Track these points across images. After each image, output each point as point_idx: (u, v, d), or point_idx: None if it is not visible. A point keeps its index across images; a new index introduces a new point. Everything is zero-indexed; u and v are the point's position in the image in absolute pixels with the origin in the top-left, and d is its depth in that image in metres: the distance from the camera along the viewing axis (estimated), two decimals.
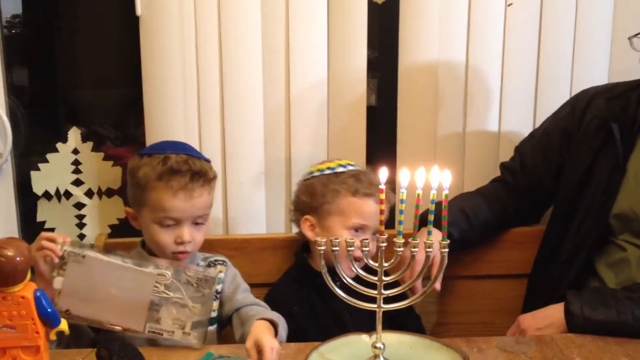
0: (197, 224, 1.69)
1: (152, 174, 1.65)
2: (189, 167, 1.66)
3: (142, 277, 1.46)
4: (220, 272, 1.74)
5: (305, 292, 1.79)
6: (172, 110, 2.07)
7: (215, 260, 1.79)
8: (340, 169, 1.85)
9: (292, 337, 1.68)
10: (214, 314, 1.68)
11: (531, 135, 2.04)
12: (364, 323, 1.46)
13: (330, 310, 1.76)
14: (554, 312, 1.67)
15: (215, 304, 1.70)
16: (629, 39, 1.75)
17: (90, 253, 1.48)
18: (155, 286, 1.45)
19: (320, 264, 1.37)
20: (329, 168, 1.86)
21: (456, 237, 1.86)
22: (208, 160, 1.77)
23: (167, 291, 1.44)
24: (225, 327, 1.75)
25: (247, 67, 2.07)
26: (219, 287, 1.72)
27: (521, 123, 2.17)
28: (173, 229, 1.66)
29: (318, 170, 1.87)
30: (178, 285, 1.48)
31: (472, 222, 1.92)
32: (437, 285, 1.65)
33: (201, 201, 1.67)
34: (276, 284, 1.88)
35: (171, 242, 1.66)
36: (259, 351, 1.41)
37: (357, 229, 1.78)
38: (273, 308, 1.69)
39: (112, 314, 1.49)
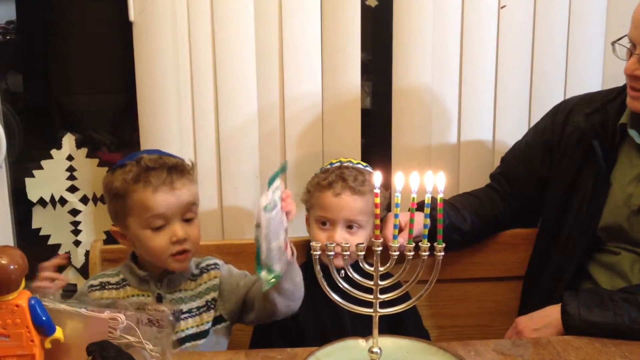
0: (187, 220, 1.63)
1: (128, 179, 1.60)
2: (163, 162, 1.62)
3: (95, 322, 1.41)
4: (216, 277, 1.72)
5: (308, 287, 1.77)
6: (167, 114, 2.06)
7: (207, 266, 1.74)
8: (328, 166, 1.86)
9: (290, 330, 1.72)
10: (208, 323, 1.68)
11: (514, 147, 2.04)
12: (365, 319, 1.44)
13: (332, 306, 1.74)
14: (551, 313, 1.67)
15: (210, 314, 1.69)
16: (612, 44, 1.73)
17: (48, 302, 1.43)
18: (110, 331, 1.40)
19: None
20: (330, 164, 1.89)
21: (446, 224, 1.85)
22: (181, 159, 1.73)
23: (125, 335, 1.39)
24: (236, 322, 1.74)
25: (241, 72, 2.07)
26: (215, 294, 1.70)
27: (516, 126, 2.17)
28: (164, 229, 1.60)
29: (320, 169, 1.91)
30: (135, 328, 1.41)
31: (461, 212, 1.93)
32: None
33: (185, 192, 1.62)
34: None
35: (167, 244, 1.60)
36: None
37: (323, 222, 1.80)
38: None
39: None
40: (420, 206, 1.35)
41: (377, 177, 1.30)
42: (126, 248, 1.80)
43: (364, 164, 1.90)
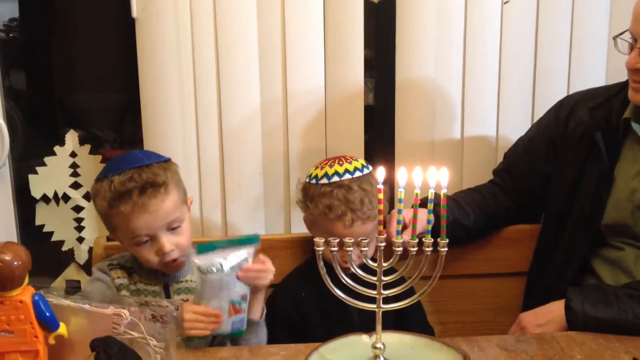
0: (173, 228, 1.62)
1: (104, 204, 1.60)
2: (134, 183, 1.58)
3: (99, 318, 1.41)
4: None
5: (315, 283, 1.76)
6: (169, 111, 2.06)
7: None
8: (324, 181, 1.76)
9: (297, 324, 1.72)
10: None
11: (517, 142, 2.04)
12: (372, 313, 1.44)
13: (338, 302, 1.74)
14: (555, 309, 1.67)
15: None
16: (613, 38, 1.73)
17: (52, 299, 1.43)
18: (114, 327, 1.40)
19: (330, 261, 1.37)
20: (325, 176, 1.77)
21: (450, 220, 1.85)
22: (164, 160, 1.68)
23: (129, 331, 1.40)
24: None
25: (244, 68, 2.06)
26: None
27: (519, 121, 2.16)
28: (151, 243, 1.61)
29: (315, 177, 1.80)
30: (139, 324, 1.42)
31: (464, 208, 1.93)
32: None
33: (161, 212, 1.59)
34: (290, 274, 1.89)
35: (154, 257, 1.62)
36: None
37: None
38: (282, 293, 1.78)
39: (76, 358, 1.43)
40: (423, 202, 1.35)
41: (380, 173, 1.30)
42: None
43: (359, 165, 1.79)
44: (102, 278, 1.68)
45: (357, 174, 1.76)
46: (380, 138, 2.30)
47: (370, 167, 1.82)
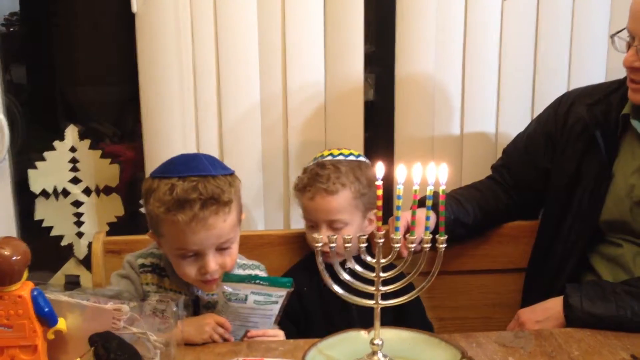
0: (223, 249, 1.54)
1: (160, 206, 1.50)
2: (198, 193, 1.49)
3: (98, 313, 1.41)
4: None
5: (316, 278, 1.77)
6: (169, 106, 2.06)
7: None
8: (311, 163, 1.84)
9: (298, 317, 1.72)
10: None
11: (516, 138, 2.03)
12: (370, 310, 1.44)
13: (338, 297, 1.75)
14: (553, 305, 1.68)
15: None
16: (611, 37, 1.73)
17: (51, 295, 1.42)
18: (114, 322, 1.39)
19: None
20: (314, 158, 1.87)
21: (450, 218, 1.86)
22: (229, 173, 1.59)
23: (128, 326, 1.39)
24: None
25: (244, 63, 2.06)
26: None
27: (519, 117, 2.16)
28: (196, 259, 1.53)
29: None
30: (138, 319, 1.37)
31: (464, 206, 1.92)
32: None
33: (217, 231, 1.51)
34: (292, 267, 1.90)
35: (196, 273, 1.54)
36: None
37: (309, 225, 1.80)
38: None
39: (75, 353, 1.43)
40: (422, 201, 1.35)
41: (379, 168, 1.30)
42: (129, 240, 1.81)
43: (347, 152, 1.85)
44: (132, 276, 1.61)
45: (341, 157, 1.83)
46: (379, 133, 2.30)
47: (363, 159, 1.86)
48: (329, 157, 1.83)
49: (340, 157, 1.83)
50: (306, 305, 1.78)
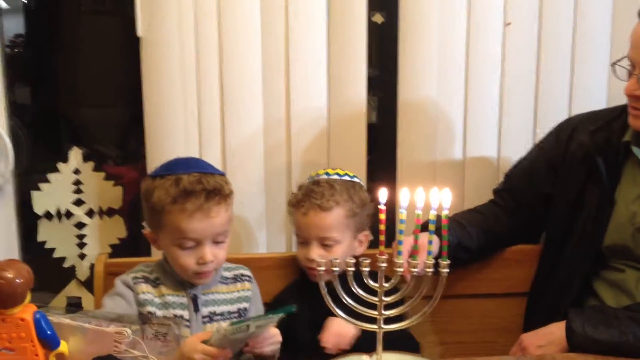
0: (217, 242, 1.66)
1: (166, 198, 1.62)
2: (202, 186, 1.63)
3: (100, 337, 1.40)
4: (249, 289, 1.77)
5: (306, 299, 1.77)
6: (173, 129, 2.07)
7: (242, 275, 1.79)
8: (305, 182, 1.88)
9: (289, 337, 1.67)
10: None
11: (518, 163, 2.04)
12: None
13: (324, 316, 1.74)
14: (555, 330, 1.67)
15: None
16: (612, 65, 1.74)
17: (53, 318, 1.42)
18: (115, 346, 1.40)
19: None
20: (309, 177, 1.90)
21: (454, 243, 1.86)
22: (222, 174, 1.75)
23: (130, 349, 1.39)
24: None
25: (248, 86, 2.07)
26: (246, 305, 1.75)
27: (521, 142, 2.16)
28: (194, 250, 1.63)
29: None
30: (140, 342, 1.39)
31: (467, 230, 1.92)
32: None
33: (219, 220, 1.64)
34: (282, 290, 1.91)
35: (193, 264, 1.63)
36: None
37: (301, 242, 1.82)
38: (275, 304, 1.82)
39: None
40: (424, 225, 1.35)
41: (382, 193, 1.31)
42: (132, 262, 1.81)
43: (342, 172, 1.89)
44: (124, 293, 1.67)
45: (335, 177, 1.86)
46: (382, 157, 2.30)
47: (357, 180, 1.89)
48: (324, 176, 1.86)
49: (336, 177, 1.86)
50: (295, 325, 1.75)
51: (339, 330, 1.64)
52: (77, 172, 2.19)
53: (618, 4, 2.15)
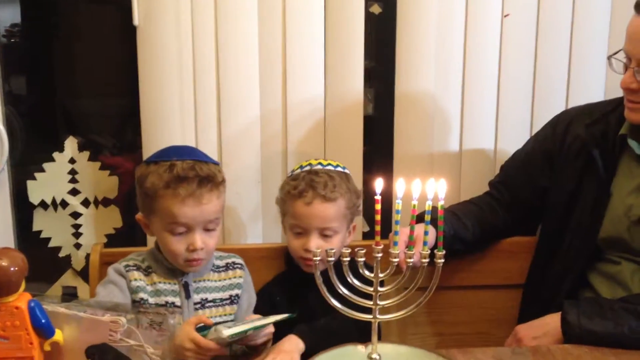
0: (208, 230, 1.67)
1: (159, 183, 1.64)
2: (195, 172, 1.65)
3: (95, 325, 1.40)
4: (241, 276, 1.79)
5: (290, 289, 1.83)
6: (169, 119, 2.07)
7: (234, 263, 1.80)
8: (298, 171, 1.86)
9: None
10: (231, 316, 1.73)
11: (514, 155, 2.04)
12: None
13: (307, 307, 1.74)
14: (551, 322, 1.68)
15: (233, 308, 1.75)
16: (608, 58, 1.74)
17: (48, 306, 1.41)
18: (111, 335, 1.40)
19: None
20: (300, 167, 1.89)
21: (450, 234, 1.86)
22: (216, 163, 1.77)
23: (125, 338, 1.39)
24: None
25: (244, 77, 2.07)
26: (239, 291, 1.76)
27: (518, 134, 2.16)
28: (184, 236, 1.65)
29: (292, 171, 1.91)
30: (135, 331, 1.39)
31: (463, 221, 1.93)
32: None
33: (211, 206, 1.65)
34: (269, 281, 1.91)
35: (183, 250, 1.65)
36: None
37: (297, 230, 1.80)
38: (260, 296, 1.82)
39: None
40: (420, 216, 1.35)
41: (378, 183, 1.31)
42: (127, 252, 1.81)
43: (335, 163, 1.89)
44: (116, 281, 1.68)
45: (330, 167, 1.86)
46: (379, 149, 2.30)
47: (348, 171, 1.89)
48: (319, 166, 1.85)
49: (330, 167, 1.86)
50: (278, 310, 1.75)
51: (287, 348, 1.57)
52: (72, 161, 2.19)
53: None
